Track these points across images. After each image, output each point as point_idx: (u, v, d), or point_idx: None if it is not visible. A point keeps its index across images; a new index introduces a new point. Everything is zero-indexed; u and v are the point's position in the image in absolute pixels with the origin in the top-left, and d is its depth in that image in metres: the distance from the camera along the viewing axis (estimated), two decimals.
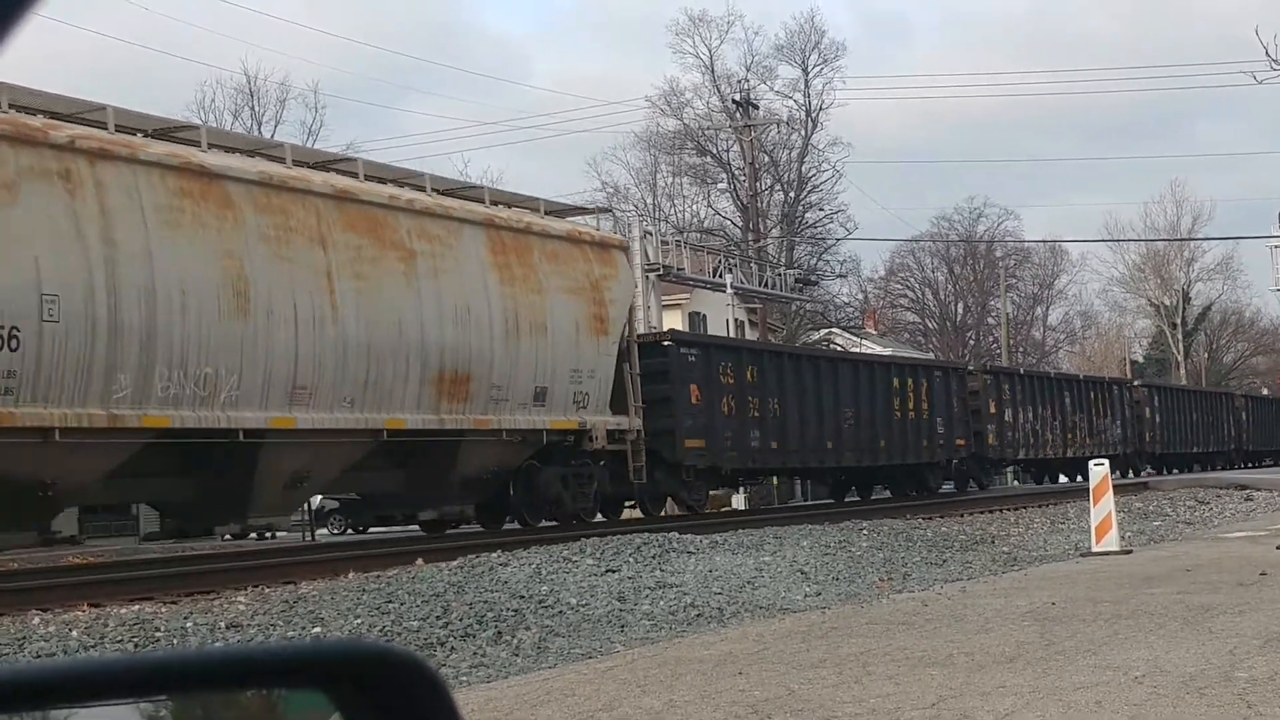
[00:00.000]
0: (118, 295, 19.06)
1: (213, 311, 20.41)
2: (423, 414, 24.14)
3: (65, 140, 18.87)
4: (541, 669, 11.54)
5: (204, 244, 20.47)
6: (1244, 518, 29.32)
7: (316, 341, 22.06)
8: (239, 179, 21.36)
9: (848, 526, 25.08)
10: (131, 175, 19.66)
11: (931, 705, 8.47)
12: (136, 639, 13.29)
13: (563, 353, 27.15)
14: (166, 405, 19.75)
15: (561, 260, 27.69)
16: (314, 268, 22.15)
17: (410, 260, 24.11)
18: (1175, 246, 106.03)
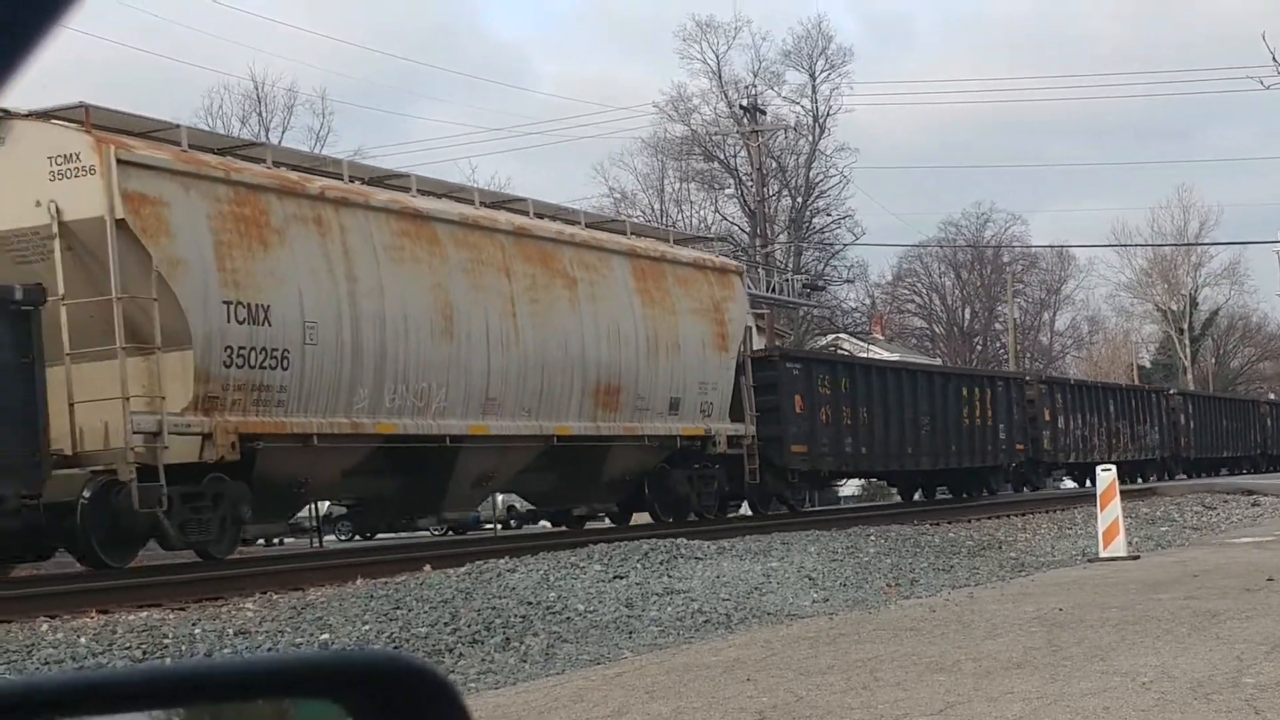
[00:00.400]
0: (358, 322, 22.88)
1: (426, 335, 24.21)
2: (584, 422, 27.76)
3: (317, 191, 22.85)
4: (550, 675, 11.56)
5: (419, 277, 24.23)
6: (1251, 523, 29.28)
7: (503, 359, 25.79)
8: (443, 219, 25.28)
9: (855, 533, 25.08)
10: (365, 219, 23.51)
11: (939, 711, 8.48)
12: (145, 645, 13.30)
13: (692, 367, 30.77)
14: (393, 414, 23.55)
15: (689, 285, 31.39)
16: (500, 295, 25.92)
17: (573, 287, 27.84)
18: (1182, 251, 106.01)
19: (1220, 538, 25.31)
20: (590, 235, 29.24)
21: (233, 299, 21.05)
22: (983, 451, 43.92)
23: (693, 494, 31.45)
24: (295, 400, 21.84)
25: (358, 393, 22.92)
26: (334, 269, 22.67)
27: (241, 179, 21.83)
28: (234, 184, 21.64)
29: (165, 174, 20.69)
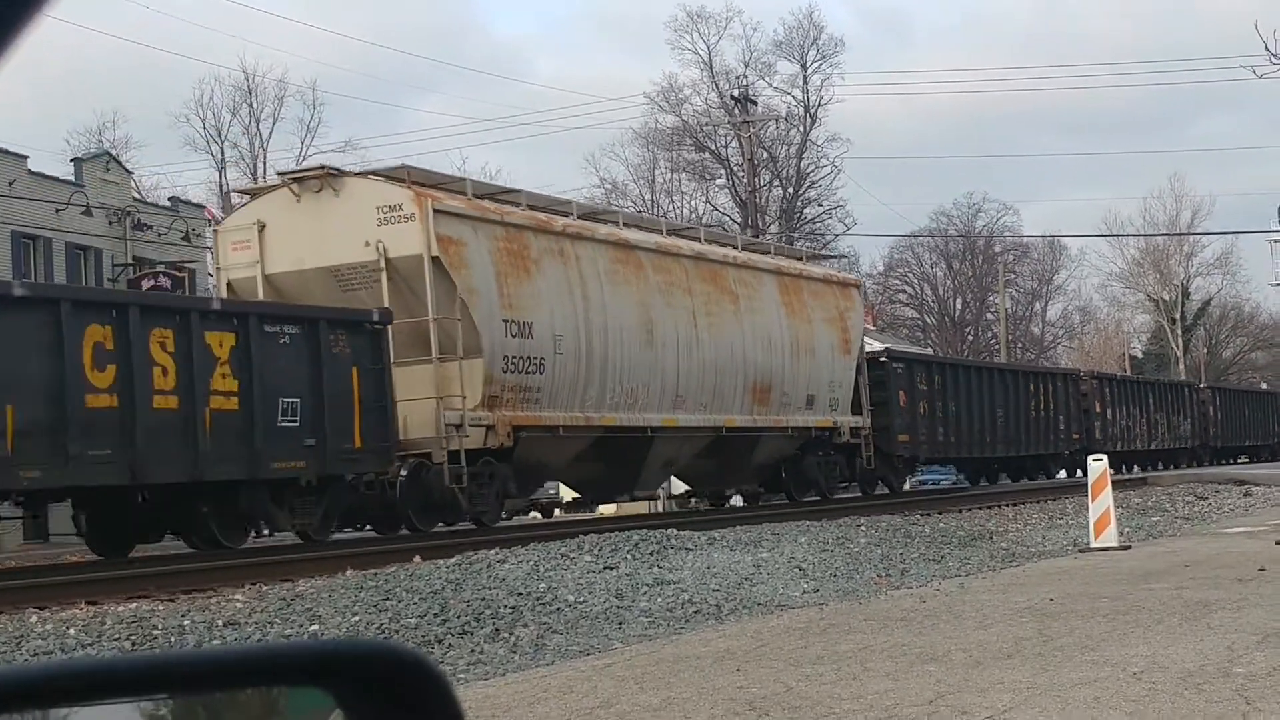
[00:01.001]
0: (590, 334, 28.24)
1: (634, 344, 29.47)
2: (744, 415, 33.07)
3: (560, 228, 28.47)
4: (539, 666, 11.54)
5: (629, 296, 29.55)
6: (1243, 513, 29.33)
7: (688, 363, 31.09)
8: (644, 248, 30.69)
9: (846, 523, 25.07)
10: (592, 250, 28.92)
11: (929, 702, 8.47)
12: (134, 637, 13.29)
13: (823, 368, 36.15)
14: (612, 410, 28.82)
15: (821, 297, 36.85)
16: (685, 309, 31.27)
17: (736, 302, 33.18)
18: (1174, 241, 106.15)
19: (1212, 527, 25.33)
20: (747, 257, 35.08)
21: (508, 318, 26.42)
22: (1047, 440, 49.83)
23: (821, 477, 36.67)
24: (547, 398, 27.18)
25: (589, 392, 28.31)
26: (573, 291, 28.09)
27: (510, 220, 27.33)
28: (506, 225, 27.11)
29: (462, 219, 26.08)
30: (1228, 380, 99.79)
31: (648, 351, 29.75)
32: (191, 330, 21.25)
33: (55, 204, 46.94)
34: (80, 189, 48.67)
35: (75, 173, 50.64)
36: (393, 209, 25.51)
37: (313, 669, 1.93)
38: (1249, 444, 73.74)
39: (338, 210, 25.94)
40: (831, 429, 36.34)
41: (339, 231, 25.74)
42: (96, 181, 49.93)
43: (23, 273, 45.33)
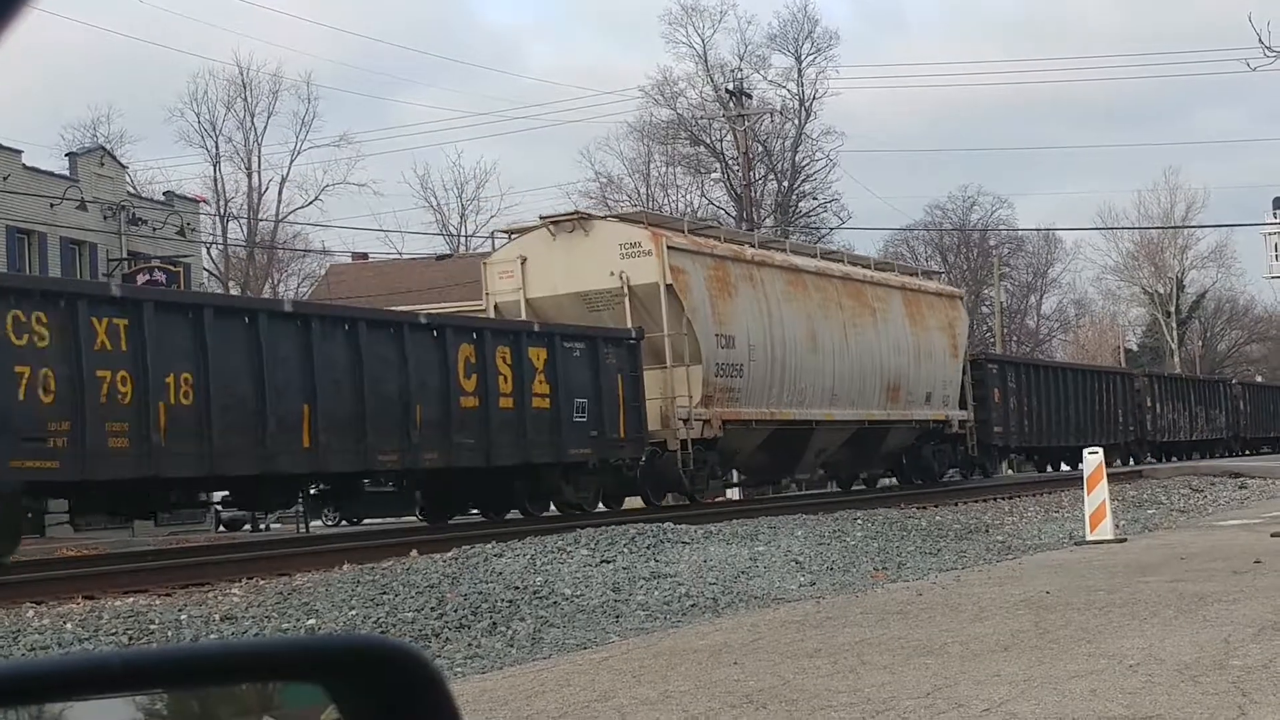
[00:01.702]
0: (773, 344, 33.98)
1: (803, 351, 35.30)
2: (880, 410, 38.94)
3: (750, 257, 34.47)
4: (536, 660, 11.55)
5: (798, 312, 35.37)
6: (1238, 505, 29.33)
7: (840, 366, 36.92)
8: (807, 271, 36.71)
9: (842, 516, 25.06)
10: (771, 274, 34.89)
11: (926, 694, 8.48)
12: (131, 631, 13.28)
13: (938, 369, 42.02)
14: (787, 406, 34.57)
15: (934, 309, 42.73)
16: (837, 322, 37.11)
17: (873, 315, 39.03)
18: (1169, 234, 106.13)
19: (1207, 520, 25.35)
20: (879, 275, 40.91)
21: (718, 332, 32.14)
22: (1109, 432, 56.10)
23: (934, 464, 43.08)
24: (744, 397, 32.73)
25: (772, 392, 33.94)
26: (760, 309, 33.89)
27: (716, 252, 33.30)
28: (714, 256, 33.07)
29: (684, 253, 31.97)
30: (1222, 372, 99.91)
31: (812, 357, 35.83)
32: (521, 347, 27.30)
33: (50, 199, 46.93)
34: (75, 184, 48.65)
35: (70, 167, 50.63)
36: (633, 245, 31.53)
37: (308, 664, 1.93)
38: (1274, 435, 79.90)
39: (587, 246, 32.04)
40: (944, 422, 42.59)
41: (588, 263, 31.79)
42: (91, 176, 49.91)
43: (17, 268, 45.32)
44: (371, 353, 24.08)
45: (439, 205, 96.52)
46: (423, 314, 27.63)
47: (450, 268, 68.38)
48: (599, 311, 31.52)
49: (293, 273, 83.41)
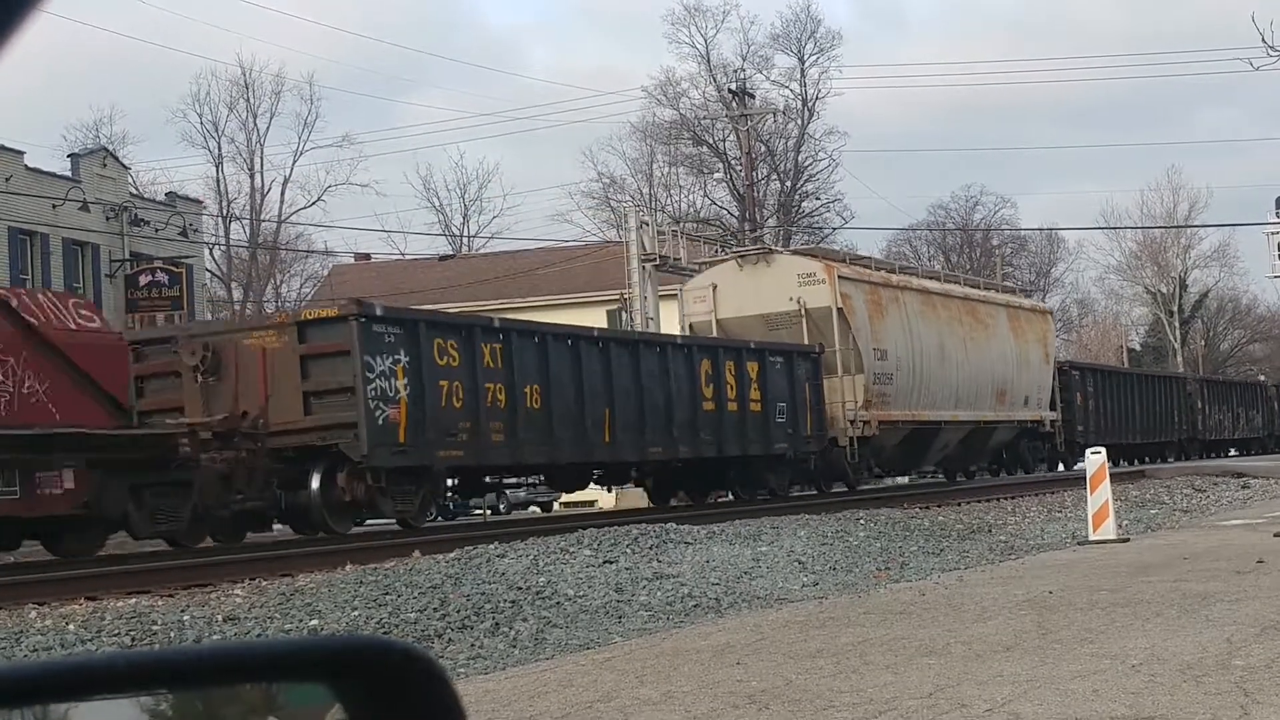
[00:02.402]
0: (913, 356, 39.97)
1: (934, 361, 41.43)
2: (991, 412, 44.95)
3: (895, 282, 41.22)
4: (539, 660, 11.55)
5: (929, 328, 41.56)
6: (1241, 505, 29.33)
7: (961, 374, 42.96)
8: (934, 293, 43.19)
9: (845, 517, 25.06)
10: (910, 297, 41.14)
11: (929, 695, 8.48)
12: (134, 632, 13.28)
13: (1034, 376, 48.46)
14: (921, 408, 40.47)
15: (1030, 323, 49.17)
16: (959, 336, 43.19)
17: (985, 329, 45.13)
18: (1172, 234, 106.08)
19: (1210, 520, 25.34)
20: (987, 294, 47.44)
21: (875, 347, 38.46)
22: (1167, 430, 64.05)
23: (1030, 458, 50.12)
24: (893, 401, 39.00)
25: (912, 396, 40.02)
26: (904, 326, 40.21)
27: (870, 279, 39.89)
28: (869, 283, 39.64)
29: (850, 281, 38.56)
30: (1225, 372, 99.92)
31: (941, 367, 41.80)
32: (741, 361, 33.64)
33: (52, 200, 46.92)
34: (77, 184, 48.64)
35: (72, 168, 50.62)
36: (809, 275, 38.29)
37: (313, 665, 1.93)
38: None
39: (769, 276, 38.97)
40: (1039, 421, 49.16)
41: (770, 290, 38.60)
42: (93, 177, 49.91)
43: (19, 269, 45.31)
44: (646, 368, 30.34)
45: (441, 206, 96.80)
46: (678, 336, 35.40)
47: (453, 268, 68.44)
48: (778, 330, 37.93)
49: (295, 273, 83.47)
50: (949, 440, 43.33)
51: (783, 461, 35.20)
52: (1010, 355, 46.51)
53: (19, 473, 19.59)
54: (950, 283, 46.62)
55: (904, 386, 39.73)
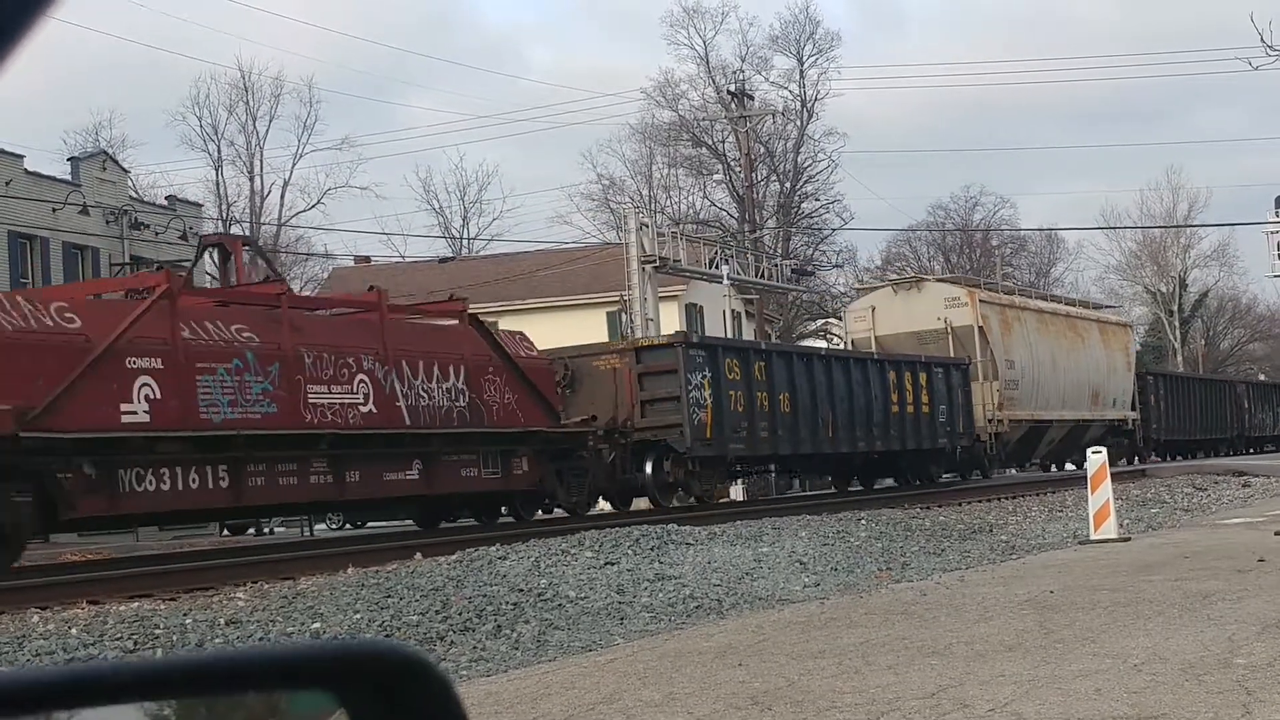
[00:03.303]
0: (1032, 366, 47.99)
1: (1047, 370, 49.82)
2: (1087, 412, 53.86)
3: (1018, 304, 50.31)
4: (541, 662, 11.55)
5: (1044, 343, 49.84)
6: (1242, 504, 29.33)
7: (1065, 379, 51.44)
8: (1045, 312, 52.27)
9: (846, 517, 25.07)
10: (1028, 316, 49.73)
11: (931, 694, 8.49)
12: (136, 636, 13.27)
13: (1119, 381, 57.52)
14: (1036, 409, 48.52)
15: (1116, 335, 58.51)
16: (1064, 348, 51.77)
17: (1082, 341, 53.89)
18: (1172, 233, 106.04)
19: (1211, 519, 25.35)
20: (1081, 311, 57.13)
21: (1006, 358, 46.56)
22: (1220, 428, 72.03)
23: (1115, 453, 53.03)
24: (1018, 404, 46.93)
25: (1031, 399, 48.35)
26: (1025, 341, 48.56)
27: (1000, 302, 48.65)
28: (999, 305, 48.17)
29: (987, 304, 47.10)
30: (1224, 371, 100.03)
31: (1052, 374, 50.40)
32: (915, 371, 40.43)
33: (52, 203, 46.93)
34: (77, 188, 48.65)
35: (72, 172, 50.63)
36: (954, 299, 46.85)
37: (315, 672, 1.93)
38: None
39: (919, 299, 47.29)
40: (1123, 420, 57.83)
41: (920, 311, 46.69)
42: (93, 181, 49.92)
43: (19, 273, 45.30)
44: (854, 378, 37.58)
45: (441, 208, 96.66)
46: (874, 353, 42.13)
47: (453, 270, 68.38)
48: (926, 345, 45.23)
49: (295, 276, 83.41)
50: (1055, 436, 52.22)
51: (942, 454, 42.34)
52: (1102, 363, 55.69)
53: (500, 459, 27.07)
54: (1054, 302, 57.88)
55: (1026, 391, 48.30)
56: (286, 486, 22.90)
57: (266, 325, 23.01)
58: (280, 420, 22.58)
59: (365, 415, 24.28)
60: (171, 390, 20.93)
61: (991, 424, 44.99)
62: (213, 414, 21.55)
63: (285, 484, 22.84)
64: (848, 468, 41.04)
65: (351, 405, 24.16)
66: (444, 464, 25.79)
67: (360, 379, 24.36)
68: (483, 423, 26.69)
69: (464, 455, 26.41)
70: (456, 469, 26.17)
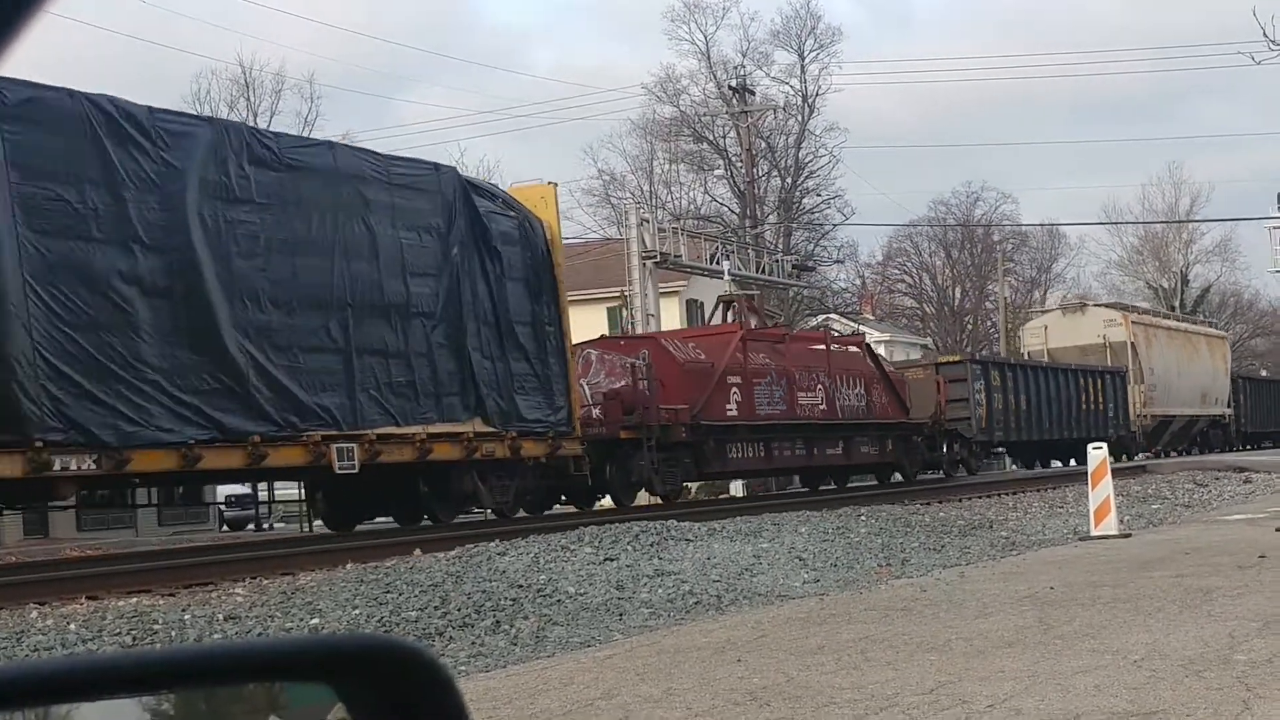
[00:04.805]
0: (1164, 372, 63.92)
1: (1173, 375, 64.53)
2: (1198, 410, 67.54)
3: (1155, 323, 66.74)
4: (540, 658, 11.55)
5: (1172, 354, 65.19)
6: (1243, 500, 29.31)
7: (1185, 383, 65.70)
8: (1172, 329, 67.59)
9: (846, 513, 25.04)
10: (1160, 333, 65.81)
11: (930, 691, 8.48)
12: (134, 631, 13.28)
13: (1220, 383, 70.91)
14: (1166, 407, 63.25)
15: (1217, 347, 71.78)
16: (1184, 358, 66.17)
17: (1195, 351, 67.81)
18: (1173, 229, 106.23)
19: (1212, 515, 25.33)
20: (1193, 327, 70.93)
21: (1149, 366, 61.02)
22: None
23: (1213, 441, 69.62)
24: (1155, 403, 61.96)
25: (1163, 399, 62.26)
26: (1159, 353, 63.00)
27: (1143, 322, 63.99)
28: (1144, 325, 63.05)
29: (1136, 324, 62.18)
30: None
31: (1177, 379, 63.88)
32: (1094, 378, 54.81)
33: None
34: None
35: None
36: (1111, 320, 62.00)
37: (317, 664, 1.93)
38: None
39: (1083, 320, 62.55)
40: (1221, 415, 70.90)
41: (1084, 330, 61.72)
42: None
43: None
44: (1060, 382, 53.19)
45: None
46: (1072, 364, 56.27)
47: None
48: (1087, 356, 58.78)
49: None
50: (1175, 429, 65.10)
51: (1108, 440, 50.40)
52: (1208, 369, 69.24)
53: (879, 441, 39.46)
54: (1173, 319, 72.46)
55: (1161, 393, 62.21)
56: (787, 456, 36.17)
57: (774, 354, 35.76)
58: (786, 415, 35.19)
59: (823, 412, 36.65)
60: (745, 396, 33.59)
61: (1139, 419, 60.00)
62: (760, 411, 34.12)
63: (787, 454, 36.07)
64: (1053, 452, 54.46)
65: (816, 405, 36.46)
66: (854, 443, 38.42)
67: (819, 388, 36.72)
68: (873, 417, 39.06)
69: (862, 438, 38.89)
70: (859, 447, 38.75)
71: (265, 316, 21.64)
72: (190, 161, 20.77)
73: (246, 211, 21.59)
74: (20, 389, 17.96)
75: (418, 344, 24.27)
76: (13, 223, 18.13)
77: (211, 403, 20.60)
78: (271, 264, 21.90)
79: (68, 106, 19.50)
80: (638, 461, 30.39)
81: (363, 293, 23.30)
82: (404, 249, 24.34)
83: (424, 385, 24.32)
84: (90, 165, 19.44)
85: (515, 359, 26.36)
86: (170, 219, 20.37)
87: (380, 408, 23.37)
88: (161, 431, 19.81)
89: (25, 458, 18.03)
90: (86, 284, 19.12)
